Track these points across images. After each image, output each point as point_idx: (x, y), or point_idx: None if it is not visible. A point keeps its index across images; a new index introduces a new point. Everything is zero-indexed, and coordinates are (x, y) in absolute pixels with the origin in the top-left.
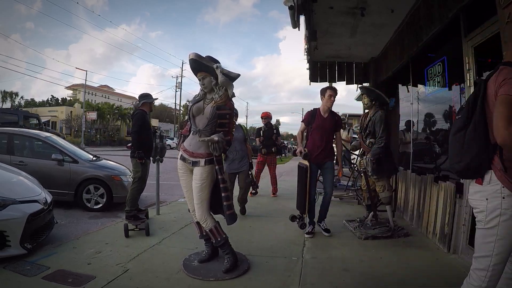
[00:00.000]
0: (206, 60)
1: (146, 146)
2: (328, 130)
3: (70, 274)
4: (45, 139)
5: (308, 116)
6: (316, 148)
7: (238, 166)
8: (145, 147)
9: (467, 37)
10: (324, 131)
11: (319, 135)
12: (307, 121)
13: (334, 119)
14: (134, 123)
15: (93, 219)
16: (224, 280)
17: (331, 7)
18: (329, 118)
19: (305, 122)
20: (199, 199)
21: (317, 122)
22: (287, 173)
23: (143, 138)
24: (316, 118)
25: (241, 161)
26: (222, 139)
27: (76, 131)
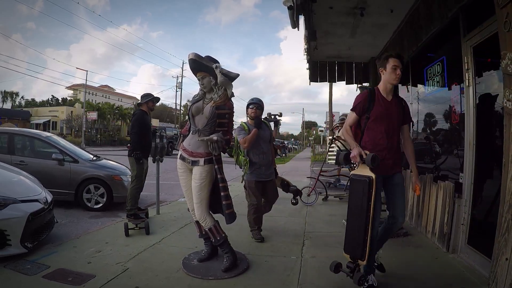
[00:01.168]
0: (206, 60)
1: (145, 146)
2: (396, 121)
3: (70, 273)
4: (46, 139)
5: (363, 99)
6: (380, 149)
7: (267, 173)
8: (143, 147)
9: (466, 37)
10: (390, 122)
11: (382, 128)
12: (361, 107)
13: (402, 104)
14: (133, 123)
15: (94, 219)
16: (223, 279)
17: (331, 7)
18: (395, 103)
19: (358, 110)
20: (198, 198)
21: (379, 109)
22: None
23: (142, 138)
24: (376, 102)
25: (270, 167)
26: (221, 138)
27: (76, 131)
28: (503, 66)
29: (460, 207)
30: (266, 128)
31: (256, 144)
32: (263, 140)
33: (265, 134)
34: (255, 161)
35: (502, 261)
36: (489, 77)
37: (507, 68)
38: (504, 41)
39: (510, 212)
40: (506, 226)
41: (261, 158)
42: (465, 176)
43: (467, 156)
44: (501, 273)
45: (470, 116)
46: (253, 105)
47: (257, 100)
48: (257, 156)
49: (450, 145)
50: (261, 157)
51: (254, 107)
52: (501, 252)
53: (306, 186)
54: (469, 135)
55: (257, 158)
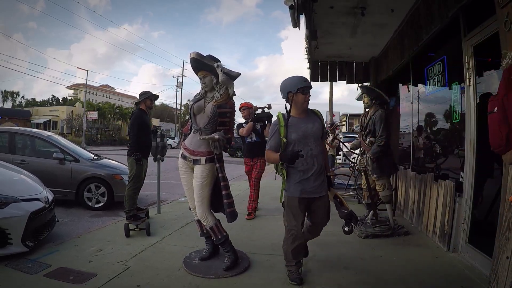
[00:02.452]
0: (207, 59)
1: (144, 146)
2: None
3: (72, 271)
4: (47, 138)
5: None
6: None
7: (316, 185)
8: (142, 146)
9: (466, 37)
10: None
11: None
12: None
13: None
14: (132, 122)
15: (94, 218)
16: (224, 278)
17: (332, 7)
18: None
19: None
20: (199, 197)
21: None
22: None
23: (141, 137)
24: None
25: (321, 175)
26: (222, 137)
27: (77, 130)
28: (503, 65)
29: (460, 206)
30: (315, 118)
31: (302, 142)
32: (312, 135)
33: (313, 127)
34: (299, 167)
35: (503, 259)
36: (492, 76)
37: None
38: (505, 40)
39: (510, 211)
40: (506, 225)
41: (308, 163)
42: (466, 175)
43: (468, 155)
44: (502, 272)
45: (471, 115)
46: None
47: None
48: (301, 160)
49: (451, 145)
50: (309, 161)
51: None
52: (502, 251)
53: None
54: (469, 135)
55: (301, 162)
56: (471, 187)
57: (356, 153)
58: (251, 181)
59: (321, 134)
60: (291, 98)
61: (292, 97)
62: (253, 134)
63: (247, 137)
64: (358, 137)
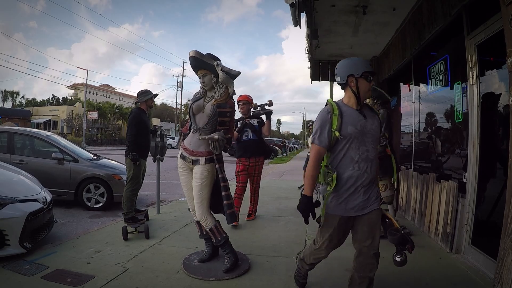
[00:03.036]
0: (207, 58)
1: (142, 145)
2: None
3: (70, 273)
4: (46, 138)
5: None
6: None
7: (365, 199)
8: (140, 146)
9: (469, 35)
10: None
11: None
12: None
13: None
14: (129, 122)
15: (93, 218)
16: (224, 280)
17: (333, 5)
18: None
19: None
20: (199, 198)
21: None
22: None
23: (139, 137)
24: None
25: (372, 186)
26: (222, 137)
27: (77, 130)
28: (509, 64)
29: (463, 207)
30: (373, 115)
31: (359, 140)
32: (372, 134)
33: (373, 124)
34: (347, 174)
35: (508, 261)
36: (493, 76)
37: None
38: (510, 38)
39: None
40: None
41: (361, 168)
42: (469, 175)
43: (471, 155)
44: (507, 274)
45: (474, 115)
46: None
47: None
48: (352, 164)
49: (453, 144)
50: (361, 166)
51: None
52: (506, 253)
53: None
54: (473, 134)
55: (351, 168)
56: (475, 188)
57: None
58: (251, 187)
59: (379, 135)
60: (352, 84)
61: (353, 82)
62: (249, 131)
63: (243, 134)
64: None
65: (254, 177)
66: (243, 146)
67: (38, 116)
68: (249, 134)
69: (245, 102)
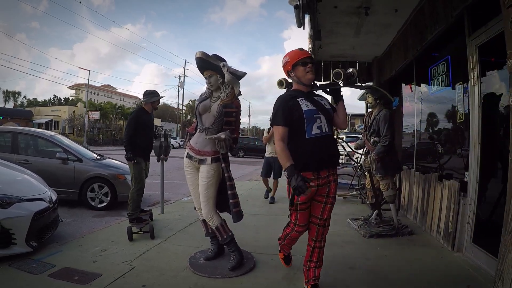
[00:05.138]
0: (213, 59)
1: (140, 145)
2: None
3: (76, 271)
4: (50, 138)
5: None
6: None
7: None
8: (137, 146)
9: (471, 37)
10: None
11: None
12: None
13: None
14: (128, 122)
15: (98, 218)
16: (230, 278)
17: (336, 7)
18: None
19: None
20: (205, 197)
21: None
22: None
23: (137, 137)
24: None
25: None
26: (228, 137)
27: (78, 130)
28: (509, 65)
29: (465, 206)
30: None
31: None
32: None
33: None
34: None
35: (508, 258)
36: (494, 76)
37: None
38: (510, 40)
39: None
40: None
41: None
42: (470, 175)
43: (472, 155)
44: (508, 271)
45: (475, 115)
46: None
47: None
48: None
49: (455, 144)
50: None
51: None
52: (507, 250)
53: None
54: (474, 134)
55: None
56: (476, 187)
57: (359, 153)
58: (312, 230)
59: None
60: None
61: None
62: (322, 118)
63: (309, 123)
64: (362, 137)
65: (324, 207)
66: (310, 148)
67: (39, 116)
68: (323, 125)
69: None
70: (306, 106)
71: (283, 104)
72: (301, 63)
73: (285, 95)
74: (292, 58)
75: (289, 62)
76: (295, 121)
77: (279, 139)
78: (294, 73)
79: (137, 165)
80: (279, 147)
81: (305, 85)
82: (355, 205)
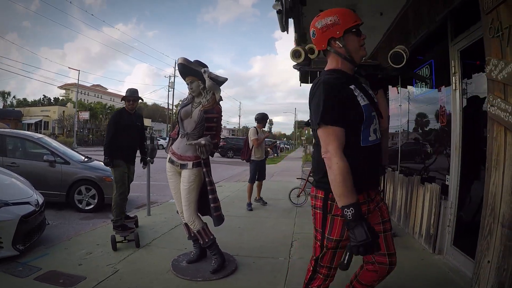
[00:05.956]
0: (194, 65)
1: (120, 148)
2: None
3: (62, 274)
4: (37, 141)
5: None
6: None
7: None
8: (117, 148)
9: (453, 41)
10: None
11: None
12: None
13: None
14: (107, 124)
15: (85, 220)
16: (211, 281)
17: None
18: None
19: None
20: (187, 201)
21: None
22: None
23: (117, 139)
24: None
25: None
26: (209, 142)
27: (68, 131)
28: (487, 72)
29: (446, 209)
30: None
31: None
32: None
33: None
34: None
35: (484, 263)
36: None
37: (491, 74)
38: (489, 46)
39: (492, 216)
40: (488, 229)
41: None
42: (451, 178)
43: (453, 159)
44: (484, 275)
45: (456, 119)
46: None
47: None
48: None
49: (437, 148)
50: None
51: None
52: (483, 255)
53: (295, 187)
54: (455, 138)
55: None
56: (456, 190)
57: None
58: None
59: None
60: None
61: None
62: (375, 119)
63: (365, 126)
64: None
65: (386, 237)
66: (365, 160)
67: (29, 117)
68: (377, 128)
69: None
70: (363, 100)
71: (334, 93)
72: (355, 32)
73: (332, 80)
74: (345, 21)
75: (340, 25)
76: (350, 121)
77: (335, 148)
78: (344, 43)
79: (118, 169)
80: (337, 164)
81: (354, 64)
82: None
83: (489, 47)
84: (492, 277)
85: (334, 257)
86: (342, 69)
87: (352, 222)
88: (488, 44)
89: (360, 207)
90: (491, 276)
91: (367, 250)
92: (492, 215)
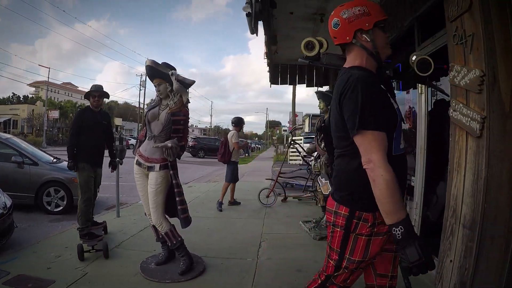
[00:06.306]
0: (162, 67)
1: (88, 149)
2: None
3: (30, 278)
4: (5, 141)
5: None
6: None
7: None
8: (85, 150)
9: (420, 46)
10: None
11: None
12: None
13: None
14: (71, 123)
15: (54, 222)
16: (180, 282)
17: (291, 13)
18: None
19: None
20: (154, 203)
21: None
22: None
23: (81, 140)
24: None
25: None
26: (175, 145)
27: (38, 130)
28: (450, 78)
29: (411, 210)
30: None
31: None
32: None
33: None
34: None
35: (447, 263)
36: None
37: (454, 80)
38: (453, 53)
39: (454, 217)
40: (450, 230)
41: None
42: (417, 179)
43: (419, 160)
44: (446, 274)
45: (422, 122)
46: None
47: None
48: None
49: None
50: None
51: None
52: (446, 255)
53: (265, 188)
54: (420, 140)
55: None
56: (421, 191)
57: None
58: None
59: None
60: None
61: None
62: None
63: (398, 132)
64: (314, 142)
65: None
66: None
67: None
68: (401, 138)
69: None
70: (395, 103)
71: (375, 94)
72: (383, 27)
73: (371, 79)
74: (376, 13)
75: (370, 17)
76: None
77: (379, 157)
78: (372, 38)
79: (83, 173)
80: (382, 177)
81: (379, 62)
82: (309, 207)
83: (452, 53)
84: (454, 276)
85: (351, 277)
86: (368, 68)
87: (402, 242)
88: (452, 51)
89: (411, 223)
90: (454, 275)
91: (420, 270)
92: (454, 217)
